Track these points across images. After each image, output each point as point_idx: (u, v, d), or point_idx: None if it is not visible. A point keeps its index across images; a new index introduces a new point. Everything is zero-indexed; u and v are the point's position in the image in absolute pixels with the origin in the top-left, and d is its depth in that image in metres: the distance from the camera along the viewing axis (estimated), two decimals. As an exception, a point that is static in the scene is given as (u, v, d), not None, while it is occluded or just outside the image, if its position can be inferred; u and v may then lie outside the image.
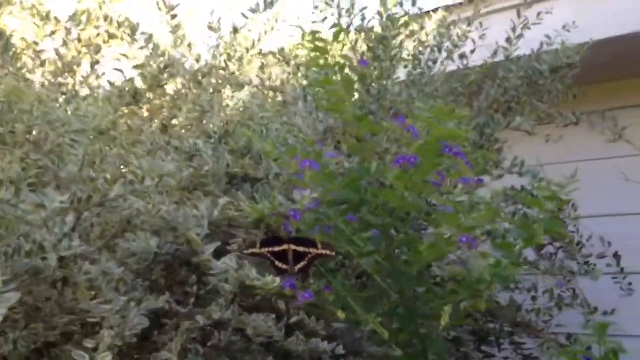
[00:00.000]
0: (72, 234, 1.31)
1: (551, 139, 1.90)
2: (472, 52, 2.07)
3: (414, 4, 2.05)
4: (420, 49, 2.06)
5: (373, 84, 1.88)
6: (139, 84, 1.89)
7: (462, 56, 2.07)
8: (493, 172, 1.44)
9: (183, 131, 1.98)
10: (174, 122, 2.10)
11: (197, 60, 2.13)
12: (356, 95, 1.40)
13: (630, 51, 2.28)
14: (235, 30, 2.12)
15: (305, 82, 1.95)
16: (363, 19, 2.06)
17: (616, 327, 1.43)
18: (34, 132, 1.65)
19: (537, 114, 1.85)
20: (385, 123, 1.35)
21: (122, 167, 1.72)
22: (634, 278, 2.05)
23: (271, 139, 1.39)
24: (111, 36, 2.07)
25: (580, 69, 1.95)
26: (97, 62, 2.05)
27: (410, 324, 1.29)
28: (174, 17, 2.09)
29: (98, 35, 2.08)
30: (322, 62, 1.27)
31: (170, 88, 2.05)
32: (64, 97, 1.87)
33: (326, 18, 1.76)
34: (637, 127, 1.93)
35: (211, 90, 2.02)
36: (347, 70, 1.95)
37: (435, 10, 2.16)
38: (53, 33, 2.08)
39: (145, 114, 2.00)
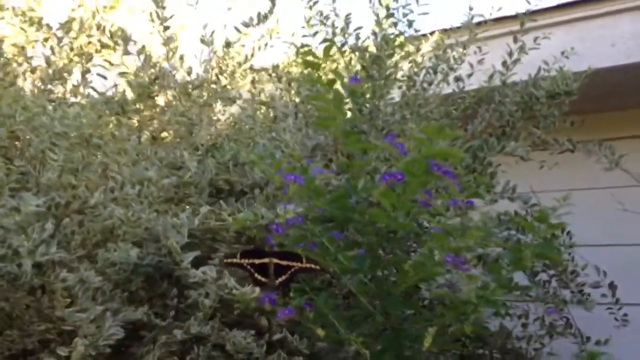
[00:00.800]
0: (50, 240, 1.27)
1: (546, 165, 1.87)
2: (469, 75, 2.06)
3: (409, 25, 2.04)
4: (415, 70, 2.04)
5: (366, 104, 1.86)
6: (129, 93, 1.86)
7: (458, 79, 2.05)
8: (486, 196, 1.42)
9: (171, 143, 1.96)
10: (164, 134, 2.08)
11: (189, 73, 2.11)
12: (348, 114, 1.37)
13: (629, 81, 2.27)
14: (228, 44, 2.11)
15: (297, 99, 1.93)
16: (357, 38, 2.05)
17: (609, 357, 1.40)
18: (20, 138, 1.63)
19: (533, 140, 1.83)
20: (374, 141, 1.33)
21: (105, 175, 1.69)
22: (628, 309, 2.02)
23: (258, 152, 1.36)
24: (103, 45, 2.05)
25: (578, 97, 1.93)
26: (88, 71, 2.03)
27: (395, 345, 1.25)
28: (166, 28, 2.07)
29: (90, 43, 2.07)
30: (314, 77, 1.25)
31: (161, 100, 2.03)
32: (52, 104, 1.85)
33: (317, 32, 1.74)
34: (635, 157, 1.90)
35: (201, 104, 2.00)
36: (337, 86, 1.94)
37: (431, 33, 2.16)
38: (45, 40, 2.07)
39: (135, 125, 1.98)
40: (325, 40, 1.41)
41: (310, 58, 1.23)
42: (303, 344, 1.62)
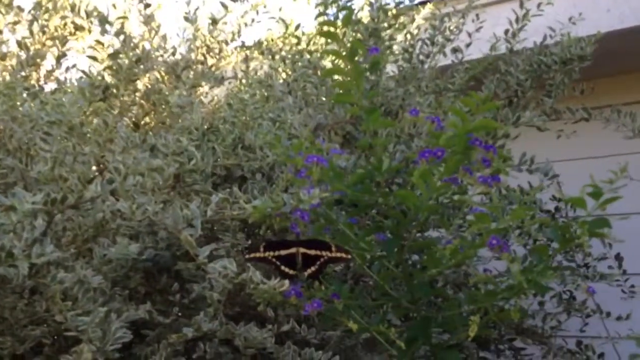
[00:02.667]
0: (43, 239, 1.17)
1: (548, 135, 1.80)
2: (468, 45, 1.98)
3: (404, -6, 1.95)
4: (412, 42, 1.96)
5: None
6: (109, 78, 1.75)
7: (456, 50, 1.98)
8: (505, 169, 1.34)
9: (159, 129, 1.86)
10: (147, 119, 1.97)
11: (173, 54, 2.00)
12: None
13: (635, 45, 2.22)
14: (214, 22, 1.99)
15: (291, 76, 1.83)
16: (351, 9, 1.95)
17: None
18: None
19: (543, 110, 1.76)
20: (407, 116, 1.23)
21: (96, 166, 1.58)
22: (637, 280, 1.98)
23: (263, 133, 1.26)
24: (78, 27, 1.92)
25: (575, 64, 1.87)
26: (64, 55, 1.91)
27: (425, 333, 1.18)
28: (147, 6, 1.95)
29: (64, 25, 1.94)
30: (332, 50, 1.15)
31: (140, 84, 1.92)
32: (27, 91, 1.72)
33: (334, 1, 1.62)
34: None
35: (190, 85, 1.89)
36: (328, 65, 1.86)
37: (424, 3, 2.07)
38: (15, 23, 1.93)
39: (115, 111, 1.87)
40: (343, 8, 1.30)
41: (328, 28, 1.12)
42: (312, 334, 1.55)
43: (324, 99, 1.83)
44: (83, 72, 1.50)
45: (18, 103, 1.54)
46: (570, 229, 1.00)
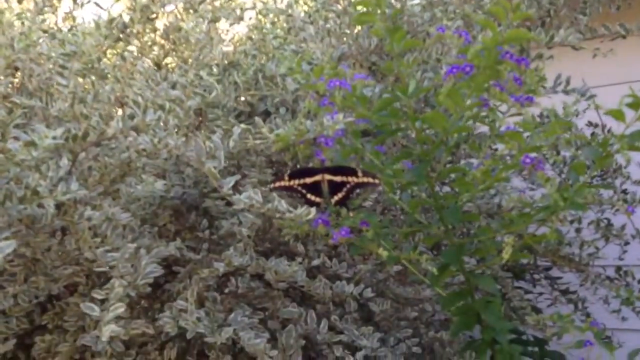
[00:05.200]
0: (68, 177, 1.16)
1: (583, 61, 1.72)
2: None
3: None
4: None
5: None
6: (126, 17, 1.71)
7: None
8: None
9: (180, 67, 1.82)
10: (168, 60, 1.94)
11: (190, -12, 1.94)
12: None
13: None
14: (228, -50, 1.92)
15: (312, 5, 1.77)
16: None
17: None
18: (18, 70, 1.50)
19: (578, 29, 1.68)
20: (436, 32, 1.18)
21: (119, 102, 1.56)
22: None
23: (286, 57, 1.21)
24: (91, -37, 1.88)
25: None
26: (80, -5, 1.87)
27: (457, 261, 1.16)
28: (161, -61, 1.88)
29: (78, -38, 1.89)
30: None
31: (160, 23, 1.88)
32: (46, 34, 1.69)
33: None
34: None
35: (207, 22, 1.85)
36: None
37: None
38: (27, -37, 1.90)
39: (135, 53, 1.83)
40: None
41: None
42: (343, 268, 1.54)
43: (347, 31, 1.77)
44: (96, 4, 1.45)
45: (37, 43, 1.52)
46: (608, 146, 0.95)
